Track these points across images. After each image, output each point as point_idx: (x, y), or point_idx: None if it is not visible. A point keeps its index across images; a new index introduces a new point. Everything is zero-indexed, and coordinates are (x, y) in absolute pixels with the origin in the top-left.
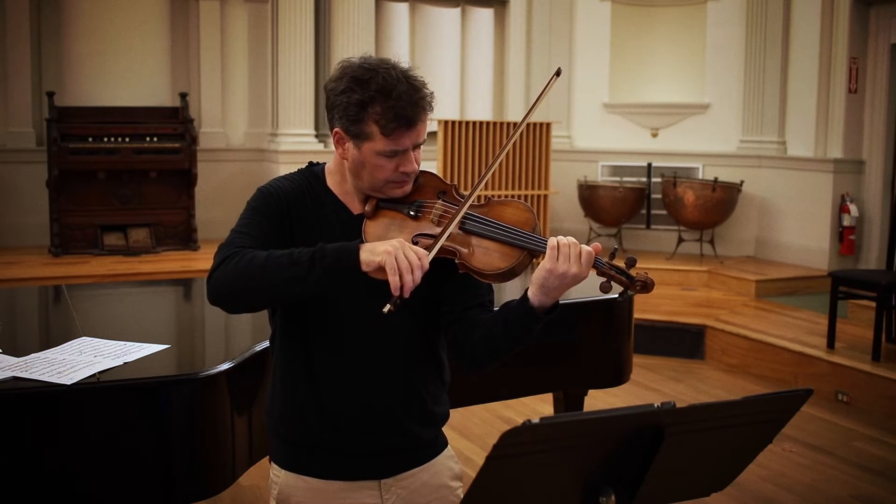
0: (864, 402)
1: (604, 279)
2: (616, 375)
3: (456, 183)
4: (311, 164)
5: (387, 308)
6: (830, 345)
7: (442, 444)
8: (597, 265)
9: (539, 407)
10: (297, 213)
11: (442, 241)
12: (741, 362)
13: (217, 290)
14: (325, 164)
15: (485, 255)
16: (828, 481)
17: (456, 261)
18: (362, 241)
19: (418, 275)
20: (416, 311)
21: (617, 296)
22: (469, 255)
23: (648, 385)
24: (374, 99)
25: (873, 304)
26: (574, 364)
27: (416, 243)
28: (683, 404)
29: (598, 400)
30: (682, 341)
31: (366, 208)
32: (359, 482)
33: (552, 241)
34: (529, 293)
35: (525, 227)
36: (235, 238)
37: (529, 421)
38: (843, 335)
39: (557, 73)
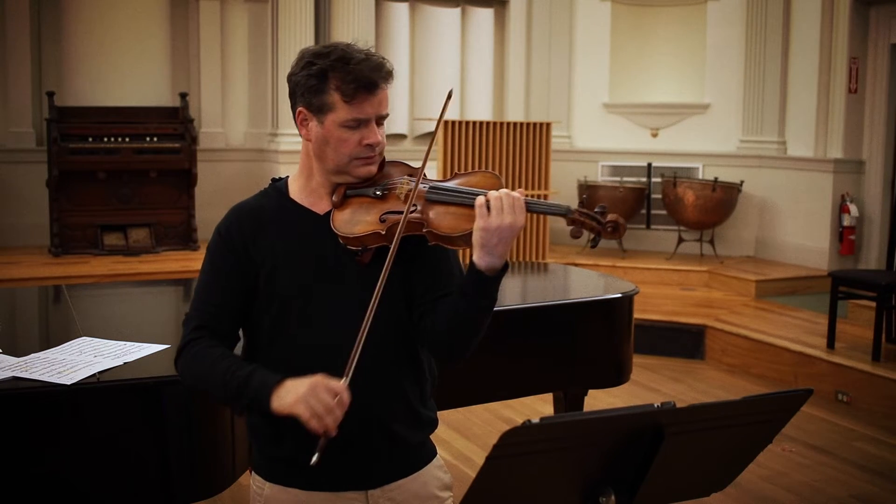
0: (864, 402)
1: (573, 226)
2: (616, 375)
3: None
4: (273, 180)
5: (314, 459)
6: (830, 345)
7: (430, 453)
8: (567, 213)
9: (539, 407)
10: (252, 237)
11: (407, 212)
12: (741, 362)
13: (181, 379)
14: (287, 177)
15: (452, 219)
16: (828, 481)
17: (424, 231)
18: (280, 381)
19: (338, 413)
20: (393, 308)
21: (589, 244)
22: (436, 222)
23: (648, 385)
24: (334, 67)
25: (873, 304)
26: (574, 364)
27: (383, 221)
28: (683, 404)
29: (598, 400)
30: (682, 341)
31: (333, 199)
32: (345, 493)
33: (479, 199)
34: (475, 258)
35: (491, 189)
36: (191, 314)
37: (529, 421)
38: (843, 335)
39: (449, 95)
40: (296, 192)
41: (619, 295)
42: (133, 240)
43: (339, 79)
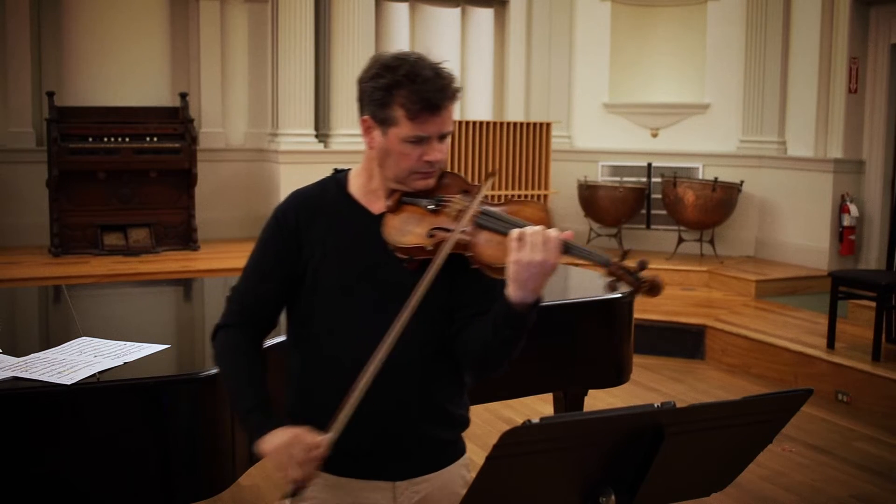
0: (864, 402)
1: (611, 279)
2: (616, 375)
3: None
4: (335, 171)
5: (287, 502)
6: (830, 345)
7: (459, 451)
8: (607, 265)
9: (539, 407)
10: (307, 225)
11: (455, 234)
12: (741, 362)
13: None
14: (349, 170)
15: (496, 248)
16: (828, 481)
17: (467, 254)
18: (273, 427)
19: (312, 466)
20: (433, 314)
21: (622, 294)
22: (481, 249)
23: (648, 385)
24: (401, 83)
25: (873, 304)
26: (574, 364)
27: (431, 236)
28: (683, 404)
29: (598, 400)
30: (682, 341)
31: (388, 202)
32: (373, 482)
33: (514, 231)
34: (507, 291)
35: (540, 225)
36: (233, 296)
37: (529, 421)
38: (843, 335)
39: (489, 175)
40: (355, 189)
41: (619, 295)
42: (133, 240)
43: (404, 96)
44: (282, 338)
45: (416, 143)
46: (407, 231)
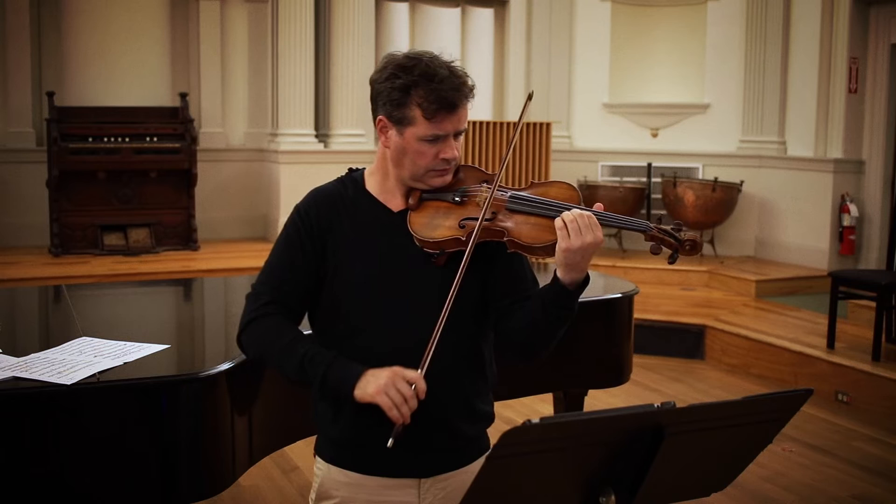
0: (864, 402)
1: (653, 243)
2: (616, 375)
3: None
4: (350, 170)
5: (390, 442)
6: (830, 345)
7: (484, 447)
8: (647, 230)
9: (539, 407)
10: (328, 223)
11: (482, 218)
12: (741, 362)
13: (247, 354)
14: (364, 169)
15: (532, 230)
16: (828, 481)
17: (504, 239)
18: (362, 372)
19: (414, 402)
20: (465, 309)
21: (668, 259)
22: (517, 231)
23: (648, 385)
24: (417, 83)
25: (873, 304)
26: (574, 364)
27: (462, 227)
28: (683, 404)
29: (598, 400)
30: (682, 341)
31: (409, 202)
32: (399, 479)
33: (557, 221)
34: (559, 274)
35: (570, 203)
36: (260, 289)
37: (529, 421)
38: (843, 335)
39: (530, 97)
40: (372, 186)
41: (619, 295)
42: (133, 240)
43: (421, 96)
44: None
45: (432, 142)
46: (436, 225)
